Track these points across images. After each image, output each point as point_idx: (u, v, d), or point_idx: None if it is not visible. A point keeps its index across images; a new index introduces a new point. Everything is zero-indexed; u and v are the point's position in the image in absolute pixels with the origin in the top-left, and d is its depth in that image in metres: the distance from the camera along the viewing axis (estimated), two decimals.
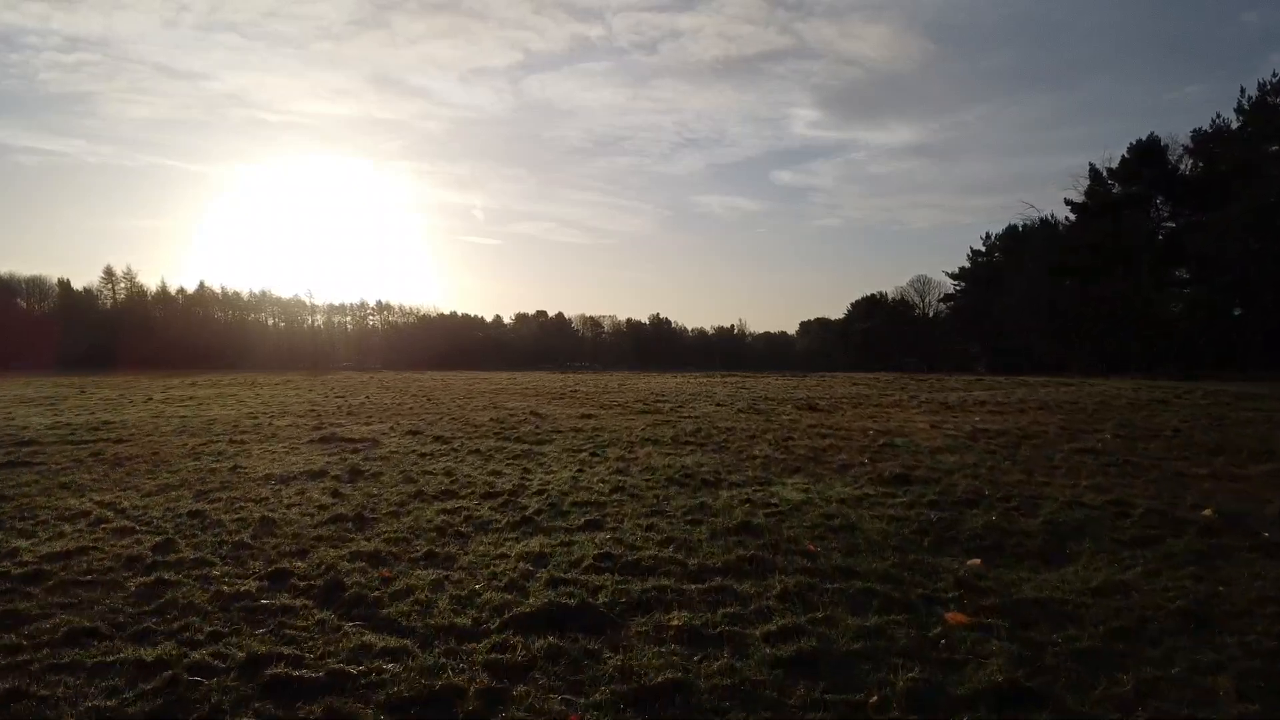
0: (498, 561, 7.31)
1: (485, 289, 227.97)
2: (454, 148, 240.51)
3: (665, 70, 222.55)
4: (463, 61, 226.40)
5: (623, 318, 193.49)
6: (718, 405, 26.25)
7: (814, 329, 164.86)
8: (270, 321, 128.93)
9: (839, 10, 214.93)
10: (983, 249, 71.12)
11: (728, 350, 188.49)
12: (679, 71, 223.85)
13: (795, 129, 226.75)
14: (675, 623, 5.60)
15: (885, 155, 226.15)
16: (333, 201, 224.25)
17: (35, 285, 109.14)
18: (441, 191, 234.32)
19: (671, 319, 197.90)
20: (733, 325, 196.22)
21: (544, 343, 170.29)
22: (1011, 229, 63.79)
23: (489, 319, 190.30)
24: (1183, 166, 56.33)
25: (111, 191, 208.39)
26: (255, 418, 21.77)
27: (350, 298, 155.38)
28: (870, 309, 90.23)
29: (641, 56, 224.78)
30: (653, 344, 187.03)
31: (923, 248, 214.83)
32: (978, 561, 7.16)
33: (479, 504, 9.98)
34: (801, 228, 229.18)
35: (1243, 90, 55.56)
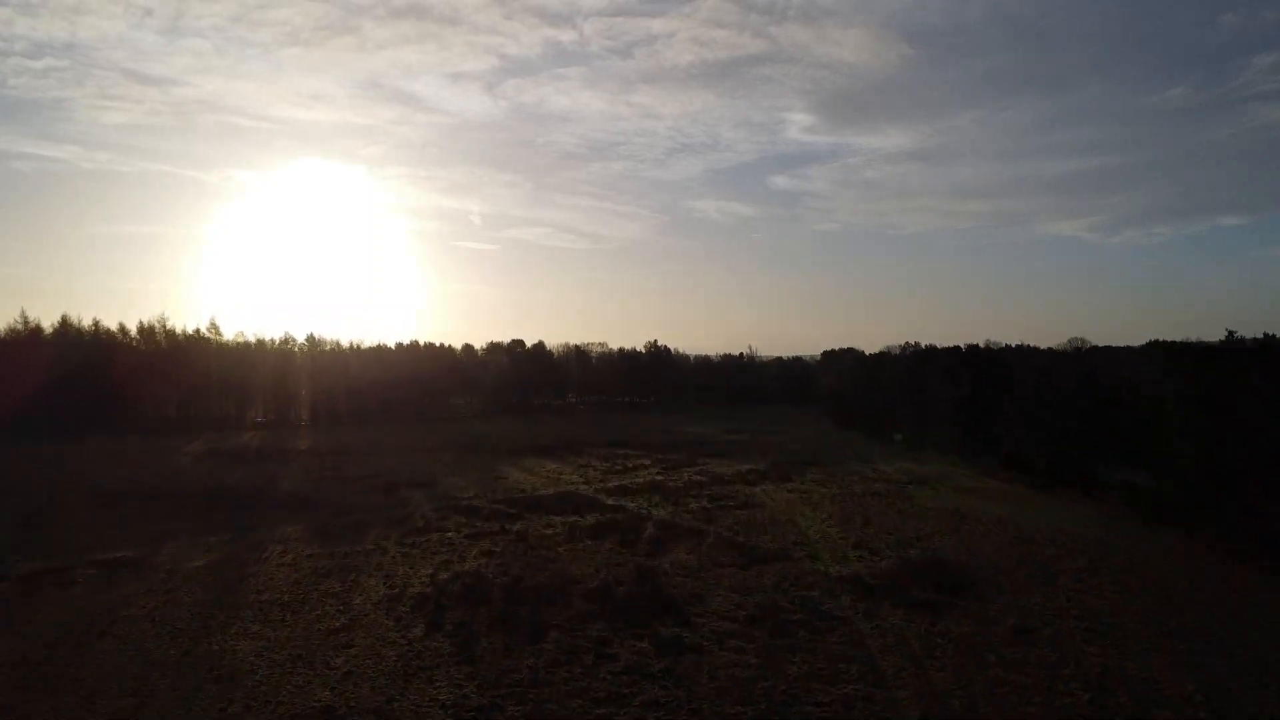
0: None
1: (476, 304, 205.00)
2: (446, 153, 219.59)
3: (642, 75, 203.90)
4: (438, 67, 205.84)
5: (615, 346, 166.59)
6: None
7: (844, 362, 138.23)
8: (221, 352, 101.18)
9: (812, 15, 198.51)
10: None
11: (737, 380, 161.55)
12: (655, 76, 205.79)
13: (789, 134, 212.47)
14: None
15: (879, 159, 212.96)
16: (326, 209, 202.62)
17: None
18: (438, 197, 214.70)
19: (671, 345, 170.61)
20: (741, 353, 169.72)
21: (520, 375, 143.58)
22: None
23: (459, 347, 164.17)
24: None
25: (110, 197, 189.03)
26: None
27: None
28: (961, 365, 62.81)
29: (616, 61, 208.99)
30: (649, 374, 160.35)
31: (918, 251, 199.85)
32: None
33: None
34: (798, 232, 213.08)
35: None
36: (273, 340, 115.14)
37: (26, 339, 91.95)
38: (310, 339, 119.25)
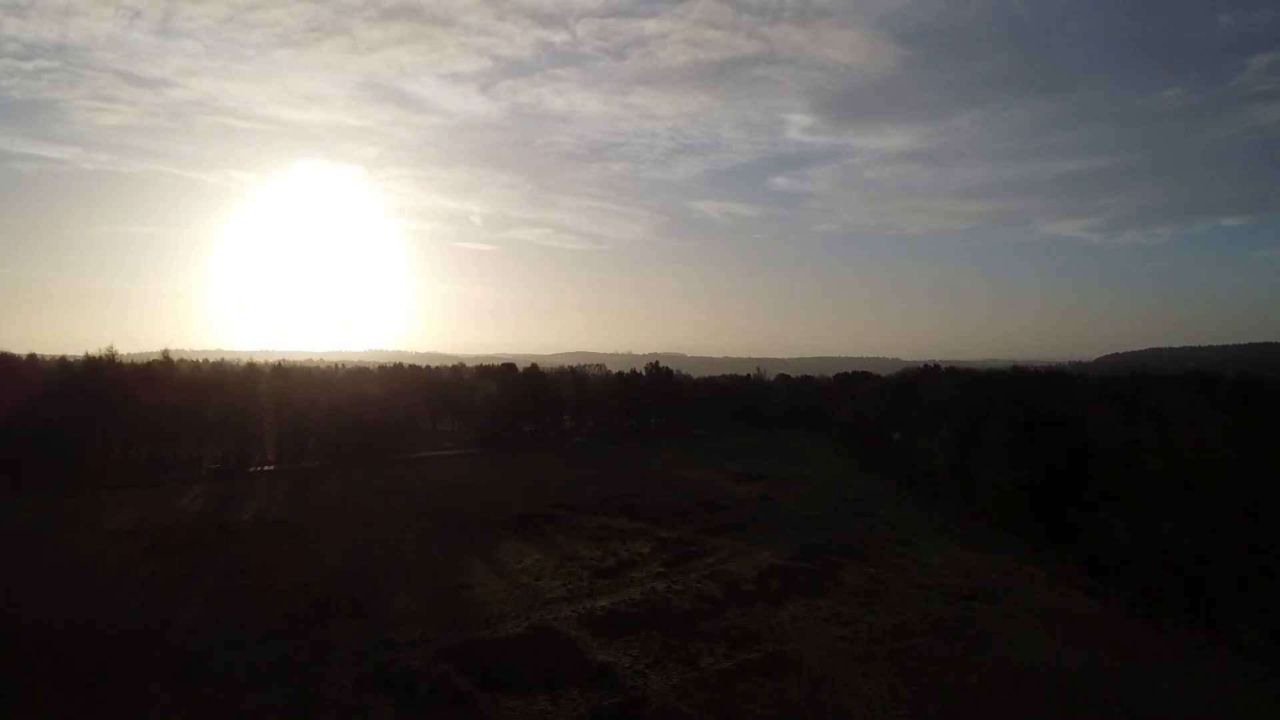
0: None
1: (477, 305, 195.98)
2: (444, 154, 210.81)
3: (638, 76, 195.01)
4: (432, 67, 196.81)
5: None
6: None
7: (860, 389, 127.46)
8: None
9: (806, 15, 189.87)
10: None
11: (743, 406, 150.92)
12: (651, 77, 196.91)
13: (789, 134, 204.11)
14: None
15: (880, 160, 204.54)
16: (327, 210, 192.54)
17: None
18: (437, 198, 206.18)
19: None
20: (749, 374, 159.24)
21: (511, 403, 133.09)
22: None
23: (449, 366, 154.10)
24: None
25: (112, 197, 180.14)
26: None
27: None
28: (1024, 434, 50.51)
29: (611, 62, 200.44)
30: (650, 398, 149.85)
31: (919, 251, 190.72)
32: None
33: None
34: (799, 232, 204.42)
35: None
36: (237, 359, 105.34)
37: None
38: (278, 365, 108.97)
